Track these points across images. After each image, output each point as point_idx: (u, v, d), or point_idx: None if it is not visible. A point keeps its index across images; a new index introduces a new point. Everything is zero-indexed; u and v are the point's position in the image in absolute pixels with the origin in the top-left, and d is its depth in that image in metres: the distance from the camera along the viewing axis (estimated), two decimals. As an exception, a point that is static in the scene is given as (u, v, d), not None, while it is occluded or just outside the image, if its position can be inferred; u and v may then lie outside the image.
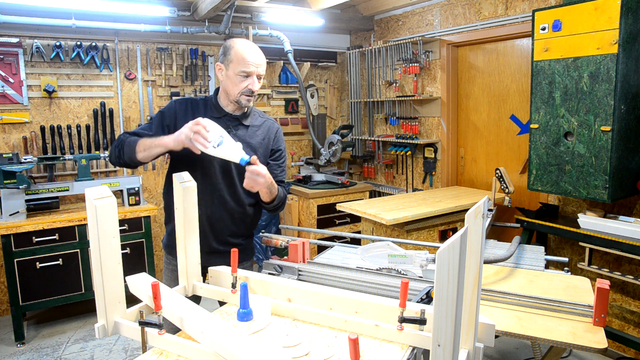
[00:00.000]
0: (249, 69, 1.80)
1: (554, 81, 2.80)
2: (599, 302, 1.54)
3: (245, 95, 1.84)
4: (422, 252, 1.74)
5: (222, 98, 1.91)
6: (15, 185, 3.19)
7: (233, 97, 1.84)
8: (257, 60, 1.82)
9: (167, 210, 1.98)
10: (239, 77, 1.80)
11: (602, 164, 2.61)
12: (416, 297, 1.44)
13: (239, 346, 1.12)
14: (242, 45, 1.82)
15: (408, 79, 4.49)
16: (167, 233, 2.00)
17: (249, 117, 1.95)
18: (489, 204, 2.94)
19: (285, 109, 4.91)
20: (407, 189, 4.62)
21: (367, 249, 1.85)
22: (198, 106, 1.90)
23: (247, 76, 1.81)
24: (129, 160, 1.77)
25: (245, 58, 1.79)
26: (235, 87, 1.82)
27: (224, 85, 1.86)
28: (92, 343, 3.26)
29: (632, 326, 2.99)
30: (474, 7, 3.82)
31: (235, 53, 1.80)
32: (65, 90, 3.80)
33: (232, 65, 1.81)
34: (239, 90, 1.82)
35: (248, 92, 1.83)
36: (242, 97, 1.84)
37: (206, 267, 1.70)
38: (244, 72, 1.80)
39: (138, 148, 1.73)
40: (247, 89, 1.82)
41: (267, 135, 1.99)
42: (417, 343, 1.24)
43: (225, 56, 1.83)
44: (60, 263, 3.35)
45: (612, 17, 2.48)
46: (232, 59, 1.80)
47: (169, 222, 1.97)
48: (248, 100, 1.86)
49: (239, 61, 1.79)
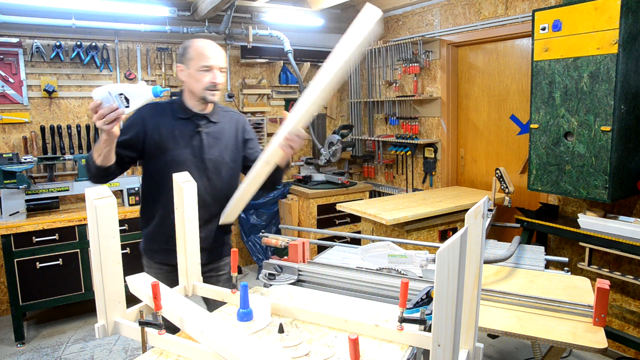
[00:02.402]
0: (209, 63, 1.82)
1: (554, 81, 2.80)
2: (599, 302, 1.54)
3: (209, 90, 1.85)
4: (422, 252, 1.74)
5: (188, 98, 1.92)
6: (15, 185, 3.19)
7: (198, 94, 1.86)
8: (215, 54, 1.85)
9: (144, 215, 1.99)
10: (201, 73, 1.83)
11: (602, 164, 2.61)
12: (416, 297, 1.44)
13: (239, 346, 1.12)
14: (199, 43, 1.85)
15: (408, 79, 4.49)
16: (145, 237, 2.00)
17: (216, 113, 1.98)
18: (489, 204, 2.94)
19: (285, 109, 4.91)
20: (407, 189, 4.61)
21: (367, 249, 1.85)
22: (164, 109, 1.91)
23: (208, 70, 1.83)
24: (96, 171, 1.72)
25: (204, 53, 1.82)
26: (199, 83, 1.84)
27: (188, 85, 1.88)
28: (92, 343, 3.26)
29: (632, 326, 2.99)
30: (474, 7, 3.82)
31: (194, 50, 1.83)
32: (65, 90, 3.80)
33: (192, 63, 1.83)
34: (203, 86, 1.84)
35: (211, 87, 1.85)
36: (206, 92, 1.85)
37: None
38: (205, 66, 1.82)
39: (93, 157, 1.69)
40: (210, 83, 1.84)
41: (236, 128, 2.02)
42: (417, 343, 1.24)
43: (184, 56, 1.85)
44: (60, 263, 3.35)
45: (612, 17, 2.48)
46: (192, 57, 1.83)
47: (145, 226, 1.98)
48: (213, 95, 1.88)
49: (198, 57, 1.82)
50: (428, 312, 1.22)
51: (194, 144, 1.89)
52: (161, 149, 1.85)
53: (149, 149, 1.86)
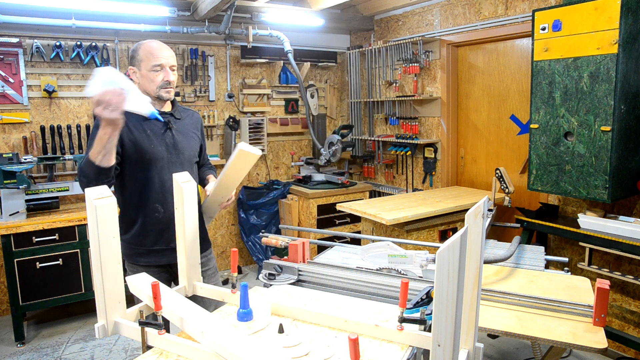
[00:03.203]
0: (160, 61, 1.85)
1: (554, 81, 2.80)
2: (599, 302, 1.55)
3: (164, 89, 1.88)
4: (422, 252, 1.74)
5: None
6: (15, 185, 3.19)
7: (153, 93, 1.88)
8: (165, 52, 1.88)
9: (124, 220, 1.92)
10: (153, 72, 1.85)
11: (602, 164, 2.61)
12: (416, 297, 1.44)
13: (239, 346, 1.12)
14: (148, 43, 1.88)
15: (408, 79, 4.49)
16: (127, 243, 1.93)
17: (177, 110, 2.01)
18: (489, 204, 2.94)
19: (285, 109, 4.91)
20: (407, 189, 4.62)
21: (367, 249, 1.85)
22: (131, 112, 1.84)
23: (160, 69, 1.85)
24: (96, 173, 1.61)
25: (153, 53, 1.85)
26: (152, 83, 1.86)
27: (142, 87, 1.88)
28: (92, 343, 3.26)
29: (632, 326, 2.99)
30: (474, 7, 3.82)
31: (143, 51, 1.85)
32: (65, 90, 3.80)
33: (143, 64, 1.85)
34: (157, 85, 1.86)
35: (165, 85, 1.87)
36: (161, 90, 1.88)
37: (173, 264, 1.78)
38: (156, 65, 1.84)
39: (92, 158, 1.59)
40: (164, 81, 1.86)
41: (195, 124, 2.09)
42: (417, 343, 1.24)
43: (135, 58, 1.87)
44: (60, 263, 3.35)
45: (612, 17, 2.48)
46: (142, 58, 1.85)
47: (127, 232, 1.92)
48: (168, 92, 1.90)
49: (148, 57, 1.84)
50: (428, 312, 1.22)
51: (167, 141, 1.92)
52: (138, 148, 1.84)
53: (128, 150, 1.84)
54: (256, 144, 4.65)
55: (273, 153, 4.89)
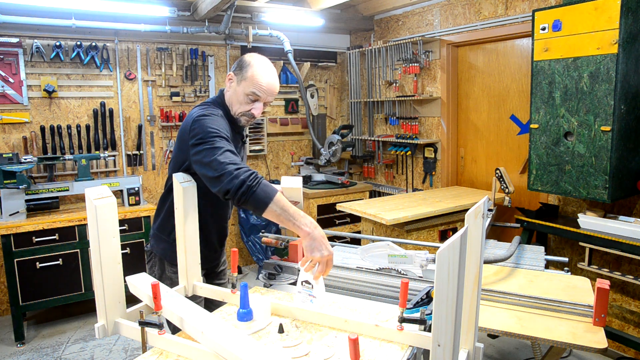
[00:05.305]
0: (260, 95, 1.72)
1: (554, 81, 2.80)
2: (599, 302, 1.55)
3: (245, 117, 1.77)
4: (422, 252, 1.74)
5: (229, 109, 1.80)
6: (15, 185, 3.19)
7: (234, 112, 1.77)
8: (270, 88, 1.74)
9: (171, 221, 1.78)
10: (247, 98, 1.72)
11: (602, 164, 2.61)
12: (416, 297, 1.44)
13: (239, 346, 1.12)
14: (261, 68, 1.72)
15: (408, 79, 4.49)
16: (169, 244, 1.79)
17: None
18: (489, 204, 2.94)
19: (285, 109, 4.91)
20: (407, 189, 4.61)
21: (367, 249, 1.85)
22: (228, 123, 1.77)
23: (254, 100, 1.73)
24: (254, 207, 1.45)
25: (260, 83, 1.70)
26: (240, 105, 1.74)
27: (229, 98, 1.78)
28: (92, 343, 3.26)
29: (632, 326, 2.99)
30: (474, 7, 3.82)
31: (252, 73, 1.70)
32: (65, 90, 3.79)
33: (244, 83, 1.71)
34: (242, 111, 1.75)
35: (250, 116, 1.76)
36: (242, 117, 1.77)
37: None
38: (254, 95, 1.71)
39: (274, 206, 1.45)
40: (250, 112, 1.75)
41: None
42: (417, 343, 1.24)
43: (241, 70, 1.73)
44: (60, 263, 3.35)
45: (612, 17, 2.48)
46: (247, 77, 1.71)
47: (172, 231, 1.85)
48: (247, 121, 1.79)
49: (252, 83, 1.70)
50: (428, 312, 1.23)
51: (241, 154, 1.86)
52: None
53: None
54: (256, 144, 4.65)
55: (273, 153, 4.89)
